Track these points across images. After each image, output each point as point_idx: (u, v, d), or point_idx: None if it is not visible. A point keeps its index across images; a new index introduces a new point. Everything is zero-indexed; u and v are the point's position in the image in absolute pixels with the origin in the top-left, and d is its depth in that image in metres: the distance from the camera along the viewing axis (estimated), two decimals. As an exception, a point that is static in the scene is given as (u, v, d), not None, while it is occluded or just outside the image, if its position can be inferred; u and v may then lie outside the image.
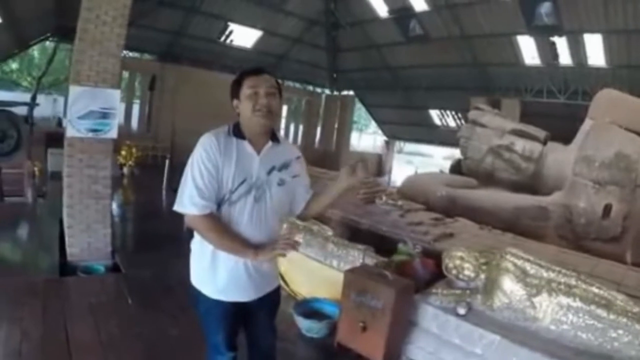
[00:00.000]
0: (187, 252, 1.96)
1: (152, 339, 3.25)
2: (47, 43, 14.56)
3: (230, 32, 16.33)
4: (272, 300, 2.05)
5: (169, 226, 6.78)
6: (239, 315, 1.95)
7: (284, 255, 1.77)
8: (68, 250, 4.71)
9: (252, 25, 16.16)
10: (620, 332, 2.49)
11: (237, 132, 1.83)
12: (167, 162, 10.58)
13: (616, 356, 2.47)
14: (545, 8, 11.60)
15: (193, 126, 15.26)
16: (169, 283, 4.38)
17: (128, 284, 4.20)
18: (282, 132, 19.22)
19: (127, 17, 4.52)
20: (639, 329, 2.46)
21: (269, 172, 1.85)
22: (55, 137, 9.96)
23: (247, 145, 1.82)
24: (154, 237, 5.87)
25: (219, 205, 1.80)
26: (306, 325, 3.44)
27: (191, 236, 1.94)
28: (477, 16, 13.07)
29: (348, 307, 3.12)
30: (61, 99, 16.09)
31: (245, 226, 1.81)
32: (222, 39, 16.45)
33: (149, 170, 12.08)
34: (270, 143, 1.87)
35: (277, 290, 2.09)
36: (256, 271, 1.88)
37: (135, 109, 16.16)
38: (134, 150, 11.55)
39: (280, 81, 1.94)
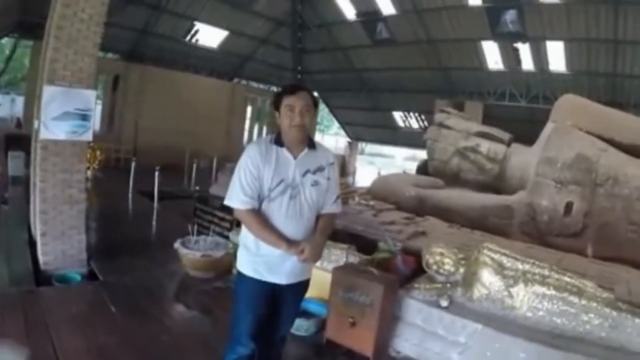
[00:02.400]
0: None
1: (145, 346, 3.20)
2: (3, 41, 13.80)
3: (196, 32, 16.12)
4: (301, 289, 2.31)
5: (138, 231, 6.61)
6: (270, 300, 2.19)
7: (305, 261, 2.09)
8: (41, 258, 4.49)
9: (219, 25, 16.03)
10: (591, 315, 2.75)
11: (278, 140, 2.17)
12: (132, 164, 10.31)
13: (588, 337, 2.72)
14: (510, 15, 12.15)
15: (157, 127, 15.03)
16: (149, 288, 4.32)
17: (108, 292, 4.06)
18: (246, 133, 19.27)
19: (104, 15, 4.44)
20: (607, 312, 2.71)
21: (304, 175, 2.16)
22: (15, 139, 9.48)
23: (285, 152, 2.15)
24: (125, 243, 5.65)
25: (261, 202, 2.11)
26: (295, 324, 3.49)
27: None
28: (443, 21, 13.48)
29: (336, 304, 3.23)
30: (19, 99, 15.25)
31: (282, 220, 2.12)
32: (188, 38, 16.20)
33: (113, 172, 11.69)
34: (306, 150, 2.19)
35: (307, 282, 2.33)
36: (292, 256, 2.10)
37: (97, 109, 15.56)
38: (97, 152, 11.15)
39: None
